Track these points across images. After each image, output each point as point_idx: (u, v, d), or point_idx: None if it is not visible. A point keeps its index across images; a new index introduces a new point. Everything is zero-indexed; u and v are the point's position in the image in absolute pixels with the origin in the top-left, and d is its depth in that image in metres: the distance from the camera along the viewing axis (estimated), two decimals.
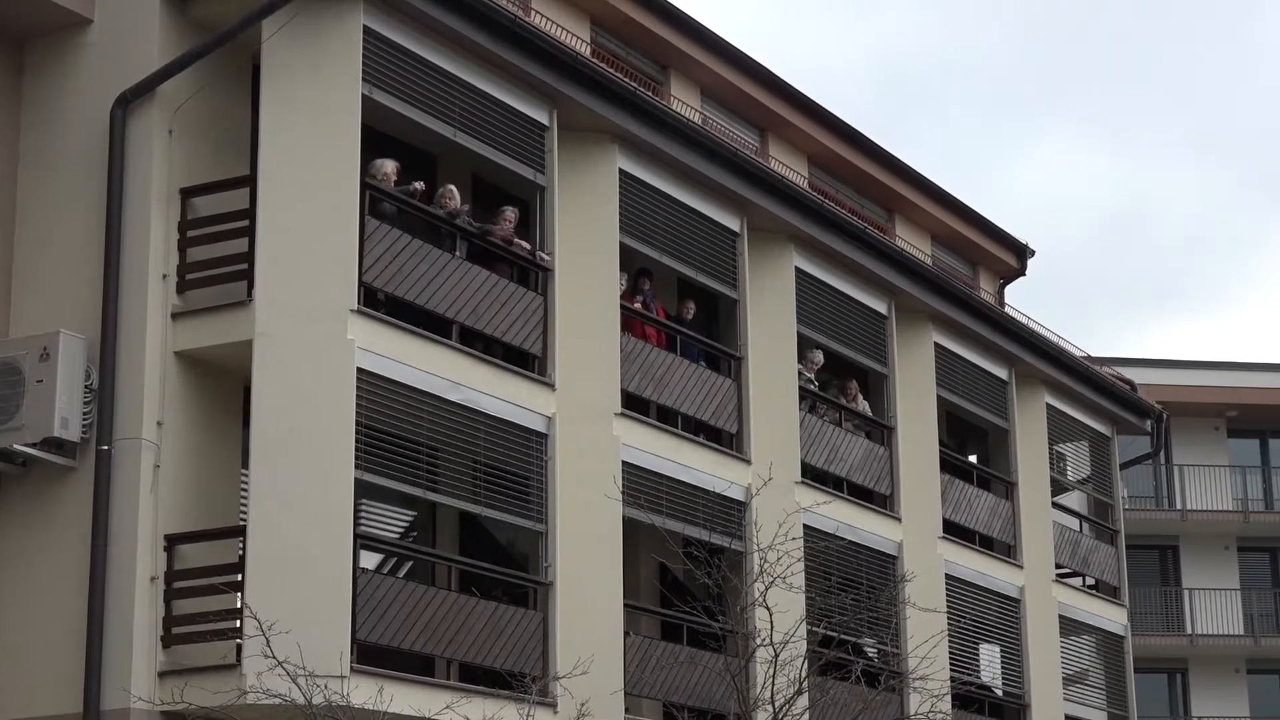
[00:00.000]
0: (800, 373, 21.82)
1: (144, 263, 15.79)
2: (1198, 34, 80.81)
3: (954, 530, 24.31)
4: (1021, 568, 25.68)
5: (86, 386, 15.60)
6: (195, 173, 16.21)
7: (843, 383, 22.99)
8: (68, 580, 15.42)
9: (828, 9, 75.90)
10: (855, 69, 75.78)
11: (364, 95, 16.23)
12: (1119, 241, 78.88)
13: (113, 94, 15.98)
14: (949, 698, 21.47)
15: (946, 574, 23.76)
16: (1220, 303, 78.76)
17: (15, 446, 15.45)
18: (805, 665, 17.07)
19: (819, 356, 22.53)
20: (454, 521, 18.22)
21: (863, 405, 23.06)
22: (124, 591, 15.25)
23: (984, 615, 24.74)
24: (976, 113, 78.23)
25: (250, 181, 16.04)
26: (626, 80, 19.40)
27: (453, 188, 17.68)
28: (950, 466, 24.60)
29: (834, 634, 19.28)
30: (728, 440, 20.47)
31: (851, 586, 21.31)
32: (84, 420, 15.57)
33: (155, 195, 15.89)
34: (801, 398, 21.64)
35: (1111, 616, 28.32)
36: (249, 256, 15.85)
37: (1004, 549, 25.64)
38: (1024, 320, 26.72)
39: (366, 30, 16.33)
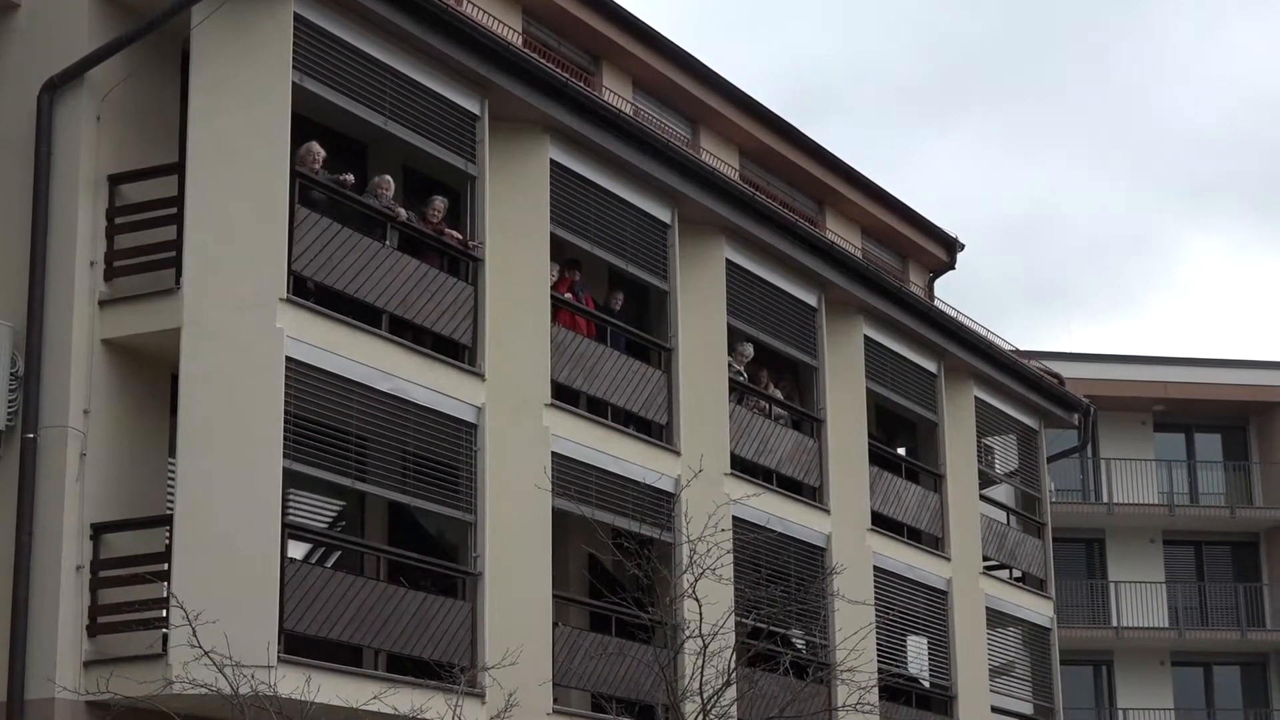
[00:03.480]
0: (730, 365, 21.85)
1: (71, 250, 15.69)
2: (1101, 45, 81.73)
3: (882, 522, 24.40)
4: (949, 560, 25.81)
5: (12, 374, 15.48)
6: (123, 159, 16.11)
7: (756, 370, 23.01)
8: None
9: (737, 18, 76.09)
10: (763, 78, 75.94)
11: (294, 83, 16.17)
12: (1022, 246, 79.55)
13: (40, 79, 15.87)
14: (877, 689, 21.53)
15: (875, 566, 23.84)
16: (1124, 305, 79.66)
17: None
18: (734, 657, 17.06)
19: (749, 349, 22.57)
20: (383, 511, 18.17)
21: (775, 393, 23.07)
22: (49, 580, 15.15)
23: (912, 607, 24.85)
24: (882, 120, 78.59)
25: (179, 169, 15.96)
26: (558, 70, 19.38)
27: (388, 178, 17.62)
28: (879, 459, 24.69)
29: (763, 625, 19.29)
30: (658, 432, 20.50)
31: (780, 578, 21.37)
32: (9, 408, 15.46)
33: (83, 182, 15.79)
34: (731, 390, 21.67)
35: (1038, 609, 28.50)
36: (177, 244, 15.76)
37: (932, 541, 25.76)
38: (953, 314, 26.83)
39: (297, 18, 16.26)
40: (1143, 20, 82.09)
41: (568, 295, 19.74)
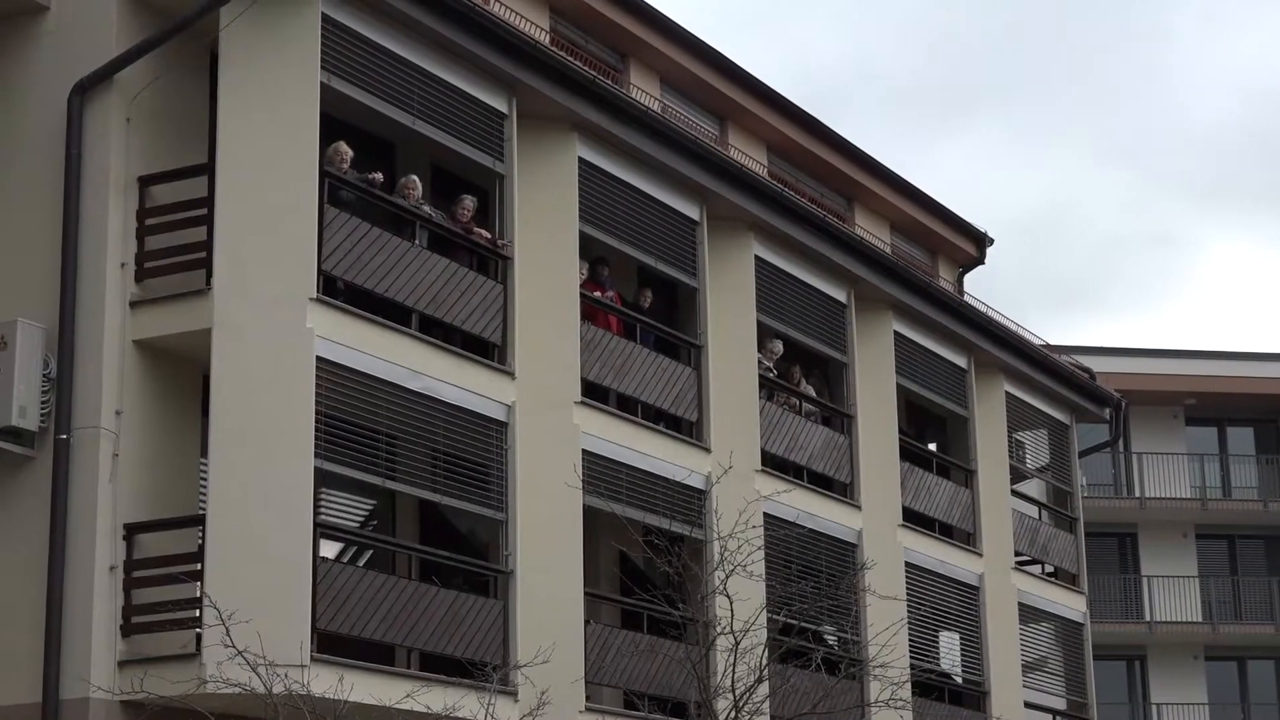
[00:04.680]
0: (760, 361, 21.84)
1: (102, 251, 15.73)
2: (1113, 42, 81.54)
3: (913, 518, 24.36)
4: (981, 555, 25.76)
5: (45, 375, 15.53)
6: (153, 161, 16.15)
7: (788, 367, 23.00)
8: (27, 570, 15.36)
9: (745, 18, 75.95)
10: (773, 78, 75.82)
11: (322, 83, 16.18)
12: (1038, 244, 79.39)
13: (70, 82, 15.91)
14: (909, 685, 21.49)
15: (906, 562, 23.81)
16: (1144, 302, 79.48)
17: None
18: (765, 653, 17.06)
19: (778, 345, 22.55)
20: (414, 510, 18.20)
21: (807, 389, 23.07)
22: (83, 581, 15.20)
23: (943, 603, 24.81)
24: (892, 121, 78.44)
25: (208, 170, 15.98)
26: (586, 68, 19.38)
27: (415, 178, 17.64)
28: (910, 454, 24.65)
29: (794, 622, 19.29)
30: (688, 429, 20.49)
31: (811, 574, 21.33)
32: (42, 409, 15.50)
33: (113, 183, 15.83)
34: (761, 386, 21.66)
35: (1070, 604, 28.42)
36: (207, 245, 15.79)
37: (963, 537, 25.71)
38: (983, 309, 26.78)
39: (325, 18, 16.28)
40: (1156, 16, 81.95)
41: (597, 294, 19.74)
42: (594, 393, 19.23)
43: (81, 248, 15.76)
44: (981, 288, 66.45)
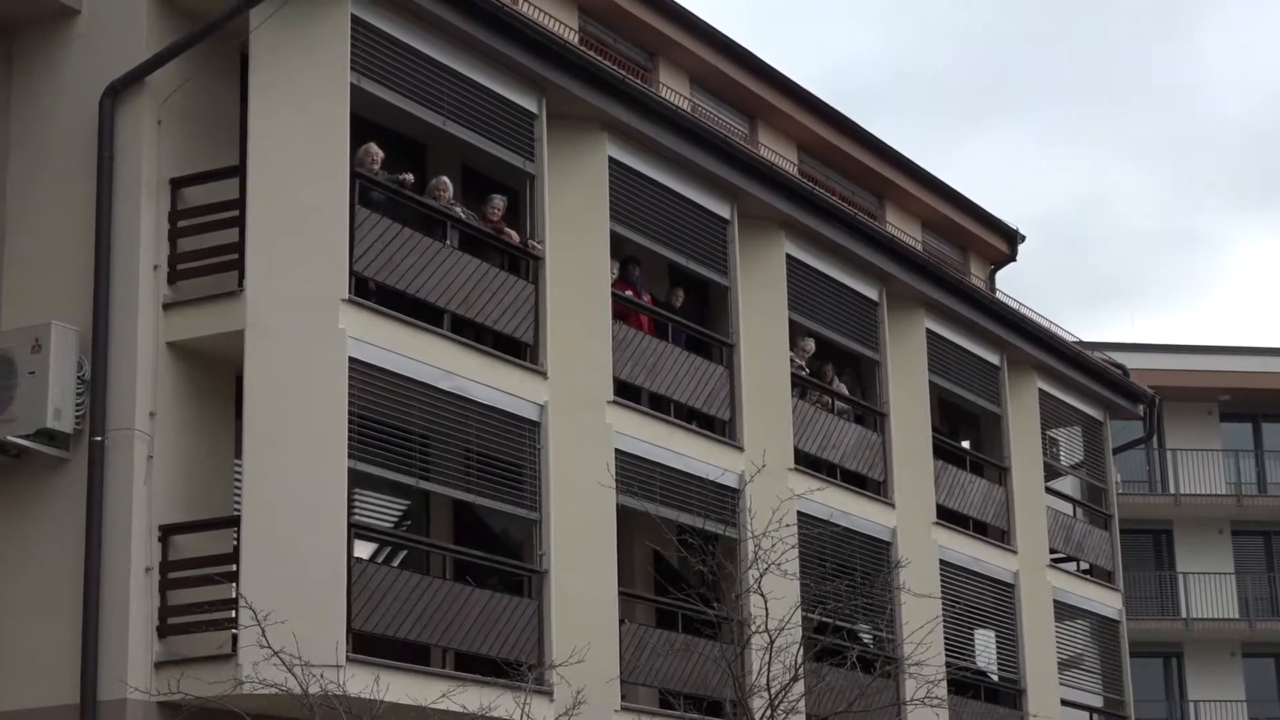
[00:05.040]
0: (792, 359, 21.81)
1: (134, 253, 15.78)
2: (1143, 41, 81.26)
3: (947, 516, 24.31)
4: (1015, 553, 25.68)
5: (79, 378, 15.58)
6: (184, 163, 16.19)
7: (820, 365, 22.96)
8: (63, 571, 15.41)
9: (775, 18, 75.81)
10: (803, 78, 75.58)
11: (352, 84, 16.19)
12: (1068, 243, 79.11)
13: (101, 84, 15.96)
14: (944, 683, 21.45)
15: (941, 559, 23.76)
16: (1175, 300, 79.21)
17: (8, 438, 15.43)
18: (800, 651, 17.05)
19: (810, 344, 22.52)
20: (448, 510, 18.20)
21: (839, 387, 23.03)
22: (119, 582, 15.24)
23: (979, 600, 24.74)
24: (922, 118, 78.22)
25: (239, 171, 16.01)
26: (615, 68, 19.38)
27: (445, 179, 17.65)
28: (943, 452, 24.59)
29: (829, 620, 19.27)
30: (720, 427, 20.46)
31: (846, 572, 21.30)
32: (77, 411, 15.55)
33: (145, 186, 15.87)
34: (793, 384, 21.63)
35: (1106, 601, 28.33)
36: (239, 246, 15.82)
37: (998, 534, 25.64)
38: (1015, 305, 26.70)
39: (354, 19, 16.29)
40: (1187, 14, 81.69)
41: (628, 293, 19.73)
42: (626, 392, 19.21)
43: (114, 250, 15.80)
44: (1013, 285, 66.32)
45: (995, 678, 25.41)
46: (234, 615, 15.03)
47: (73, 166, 16.16)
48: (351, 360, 15.77)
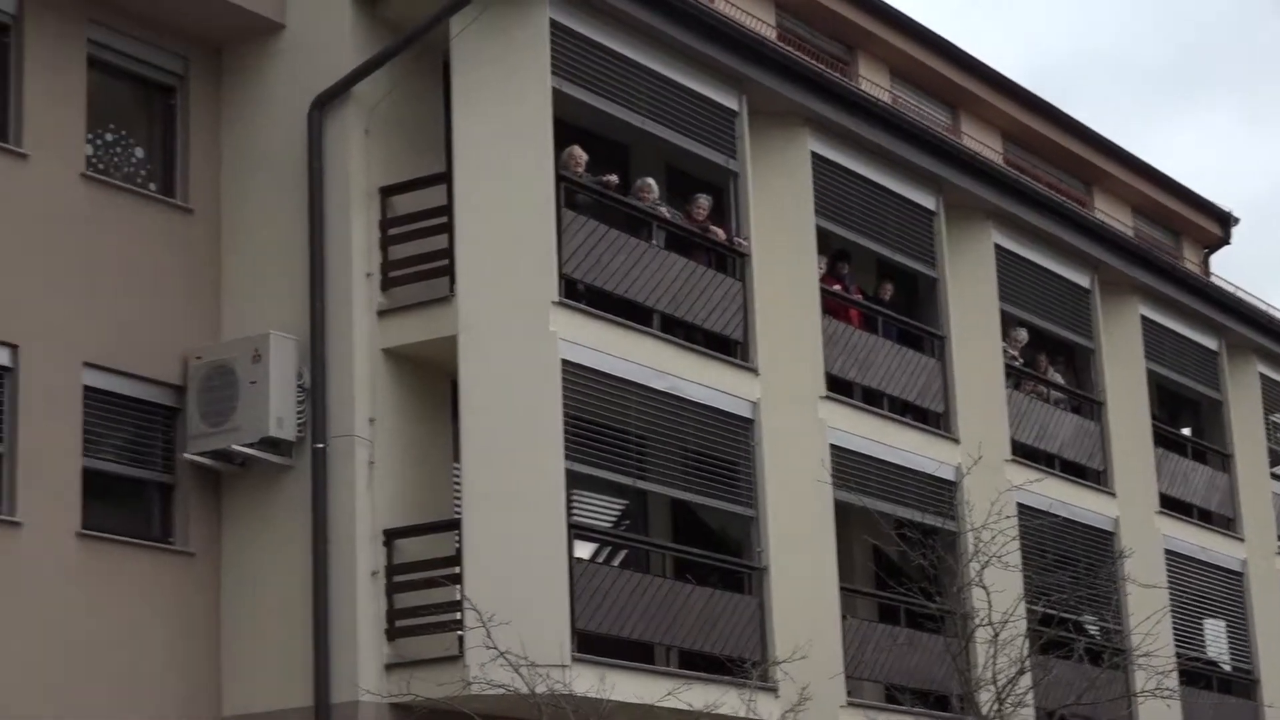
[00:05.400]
0: (1005, 350, 21.51)
1: (348, 262, 15.96)
2: None
3: (1171, 504, 23.83)
4: (1243, 540, 25.12)
5: (299, 386, 15.79)
6: (392, 171, 16.34)
7: (1034, 355, 22.62)
8: (291, 576, 15.62)
9: (972, 6, 74.92)
10: (1008, 67, 74.58)
11: (553, 88, 16.24)
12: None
13: (308, 97, 16.18)
14: (1175, 674, 21.02)
15: (1165, 549, 23.29)
16: None
17: (233, 447, 15.67)
18: (1026, 644, 16.77)
19: (1023, 333, 22.20)
20: (665, 509, 18.18)
21: (1054, 376, 22.68)
22: (346, 586, 15.41)
23: (1207, 590, 24.23)
24: (1124, 102, 76.70)
25: (447, 178, 16.13)
26: (815, 63, 19.29)
27: (650, 181, 17.64)
28: (1164, 440, 24.12)
29: (1054, 612, 18.93)
30: (935, 420, 20.23)
31: (1069, 564, 20.95)
32: (298, 419, 15.76)
33: (355, 195, 16.05)
34: (1007, 375, 21.33)
35: None
36: (449, 253, 15.94)
37: (1224, 522, 25.09)
38: (1231, 289, 26.12)
39: (553, 23, 16.35)
40: None
41: (836, 288, 19.58)
42: (838, 387, 19.05)
43: (328, 259, 16.00)
44: (1229, 268, 64.81)
45: (1227, 668, 24.83)
46: (459, 617, 15.11)
47: (283, 178, 16.38)
48: (564, 362, 15.81)
